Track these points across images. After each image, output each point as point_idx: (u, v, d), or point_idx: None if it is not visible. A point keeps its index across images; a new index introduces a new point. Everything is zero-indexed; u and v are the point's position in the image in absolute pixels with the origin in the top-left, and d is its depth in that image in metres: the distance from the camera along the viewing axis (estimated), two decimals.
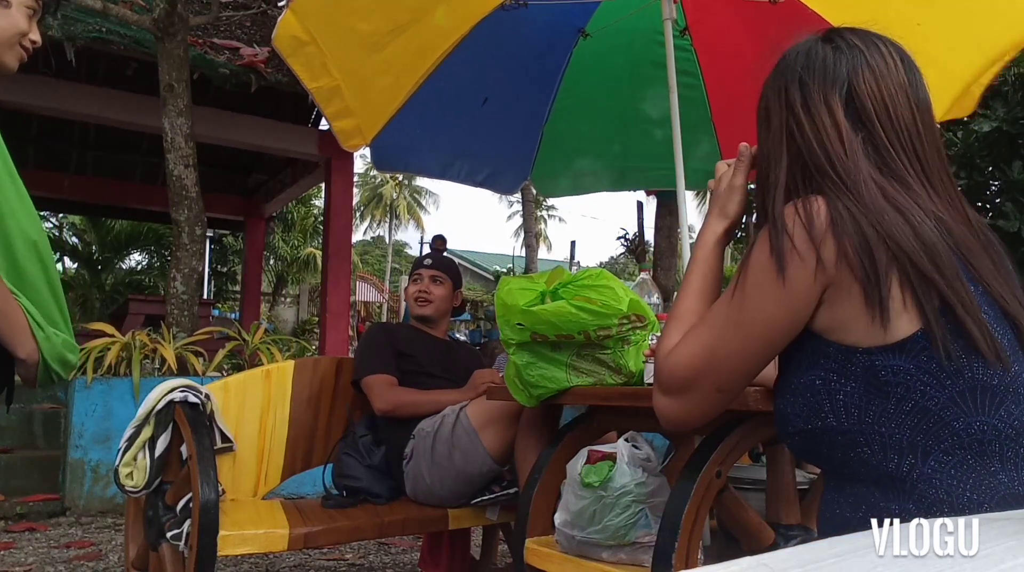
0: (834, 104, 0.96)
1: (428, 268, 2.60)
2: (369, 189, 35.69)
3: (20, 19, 1.31)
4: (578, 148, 3.55)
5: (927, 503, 0.84)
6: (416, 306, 2.57)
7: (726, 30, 2.94)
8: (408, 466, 2.29)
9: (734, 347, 0.95)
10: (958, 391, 0.85)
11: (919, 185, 0.93)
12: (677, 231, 6.65)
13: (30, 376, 1.22)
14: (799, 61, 1.00)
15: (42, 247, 1.21)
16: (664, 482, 1.57)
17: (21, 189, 1.20)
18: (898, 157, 0.94)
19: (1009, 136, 4.17)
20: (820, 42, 1.01)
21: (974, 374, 0.85)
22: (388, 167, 3.22)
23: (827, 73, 0.97)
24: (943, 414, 0.85)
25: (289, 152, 7.37)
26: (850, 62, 0.97)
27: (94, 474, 3.90)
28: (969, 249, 0.90)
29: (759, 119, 1.05)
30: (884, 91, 0.95)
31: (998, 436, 0.85)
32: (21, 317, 1.17)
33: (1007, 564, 0.43)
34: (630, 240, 10.94)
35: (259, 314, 9.74)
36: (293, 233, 18.31)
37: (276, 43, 2.40)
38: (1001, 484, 0.84)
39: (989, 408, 0.85)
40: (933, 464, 0.85)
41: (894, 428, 0.86)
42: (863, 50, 0.98)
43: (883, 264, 0.85)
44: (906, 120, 0.95)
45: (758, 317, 0.92)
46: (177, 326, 4.49)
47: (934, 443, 0.85)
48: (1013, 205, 4.04)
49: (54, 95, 5.87)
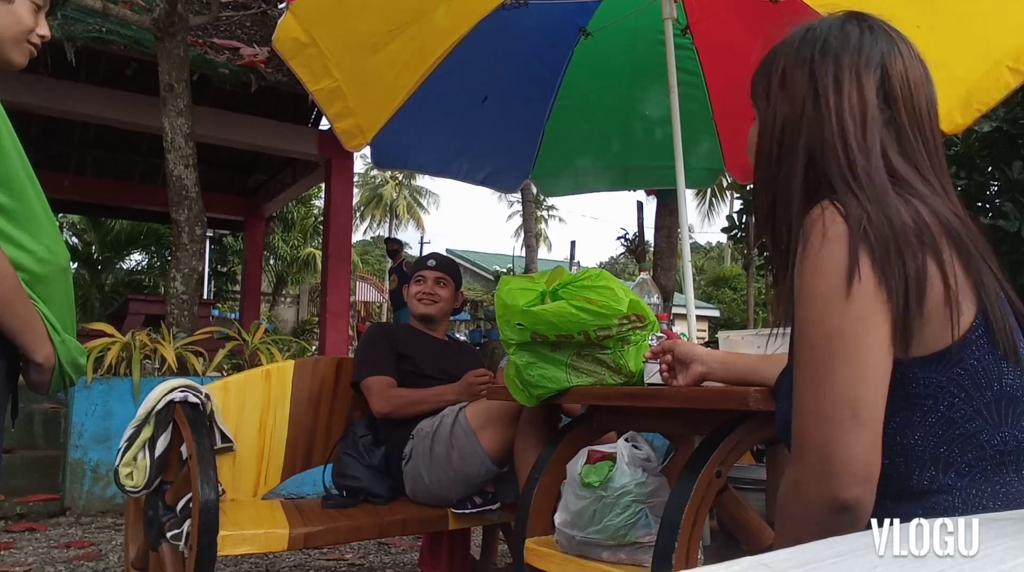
0: (866, 82, 0.91)
1: (433, 269, 2.60)
2: (369, 189, 35.68)
3: (24, 14, 1.28)
4: (579, 147, 3.56)
5: (942, 510, 0.81)
6: (420, 306, 2.57)
7: (727, 29, 2.94)
8: (407, 466, 2.29)
9: (852, 370, 0.83)
10: (985, 403, 0.83)
11: (934, 179, 0.90)
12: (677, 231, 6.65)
13: (44, 381, 1.23)
14: (832, 34, 0.95)
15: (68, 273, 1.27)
16: (664, 482, 1.57)
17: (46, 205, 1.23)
18: (919, 149, 0.91)
19: (1009, 136, 4.17)
20: (848, 22, 0.96)
21: (1003, 385, 0.83)
22: (388, 165, 3.23)
23: (863, 51, 0.93)
24: (968, 426, 0.83)
25: (289, 152, 7.37)
26: (886, 45, 0.93)
27: (94, 474, 3.90)
28: (984, 249, 0.87)
29: (769, 88, 0.98)
30: (911, 80, 0.93)
31: (1018, 447, 0.83)
32: (41, 323, 1.19)
33: (1007, 564, 0.43)
34: (630, 240, 10.93)
35: (259, 314, 9.74)
36: (293, 233, 18.32)
37: (277, 45, 2.41)
38: (1018, 493, 0.82)
39: (1012, 419, 0.83)
40: (953, 476, 0.82)
41: (919, 440, 0.83)
42: (895, 38, 0.95)
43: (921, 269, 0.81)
44: (924, 114, 0.93)
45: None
46: (177, 326, 4.49)
47: (957, 455, 0.83)
48: (1013, 205, 4.04)
49: (54, 95, 5.87)
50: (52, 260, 1.20)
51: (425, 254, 2.77)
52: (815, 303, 0.82)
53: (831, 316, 0.80)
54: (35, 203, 1.19)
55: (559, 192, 3.89)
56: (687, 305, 2.47)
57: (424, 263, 2.66)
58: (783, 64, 0.97)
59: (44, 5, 1.32)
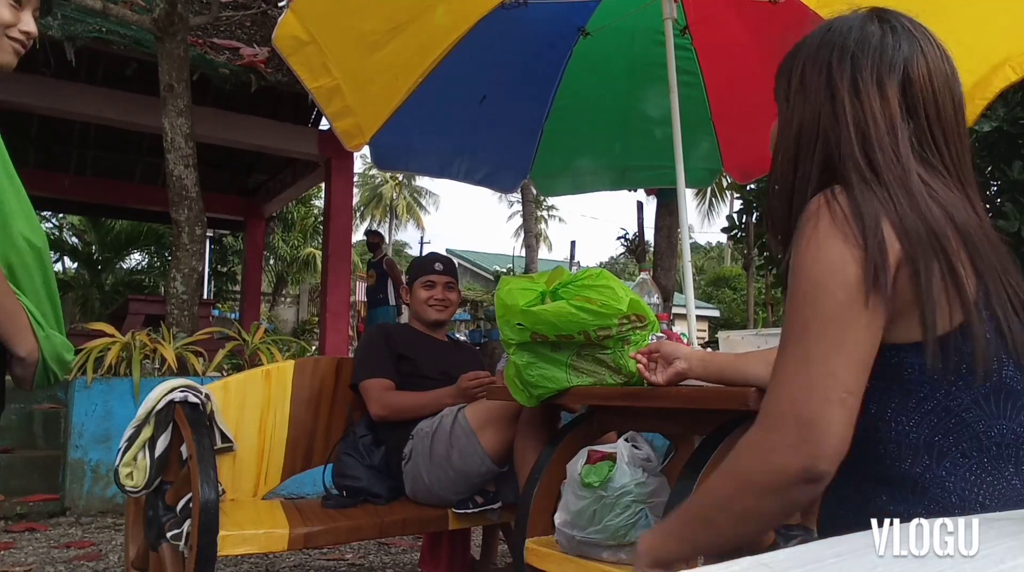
0: (888, 89, 0.90)
1: (441, 274, 2.55)
2: (369, 189, 35.67)
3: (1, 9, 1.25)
4: (578, 147, 3.56)
5: (938, 508, 0.82)
6: (432, 312, 2.53)
7: (726, 29, 2.95)
8: (407, 466, 2.29)
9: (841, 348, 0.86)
10: (983, 393, 0.83)
11: (956, 184, 0.90)
12: (677, 231, 6.65)
13: (28, 376, 1.22)
14: (852, 36, 0.92)
15: (45, 254, 1.22)
16: (664, 482, 1.57)
17: (22, 193, 1.20)
18: (941, 154, 0.90)
19: (1009, 136, 4.17)
20: (873, 20, 0.94)
21: (1002, 377, 0.84)
22: (388, 166, 3.23)
23: (884, 54, 0.91)
24: (965, 416, 0.83)
25: (289, 152, 7.37)
26: (909, 48, 0.91)
27: (94, 474, 3.90)
28: (999, 248, 0.88)
29: (789, 89, 0.97)
30: (936, 83, 0.91)
31: (1016, 441, 0.83)
32: (23, 316, 1.17)
33: (1007, 564, 0.43)
34: (630, 240, 10.93)
35: (259, 314, 9.74)
36: (293, 233, 18.32)
37: (276, 43, 2.40)
38: (1014, 489, 0.82)
39: (1011, 412, 0.84)
40: (948, 465, 0.83)
41: (912, 426, 0.85)
42: (919, 38, 0.93)
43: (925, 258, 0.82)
44: (949, 117, 0.91)
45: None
46: (177, 326, 4.49)
47: (952, 444, 0.83)
48: (1013, 205, 4.04)
49: (54, 95, 5.87)
50: (25, 248, 1.18)
51: (425, 255, 2.68)
52: (813, 286, 0.83)
53: (828, 301, 0.82)
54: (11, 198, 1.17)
55: (557, 192, 3.89)
56: (687, 305, 2.47)
57: (431, 267, 2.58)
58: (803, 65, 0.96)
59: (27, 2, 1.28)
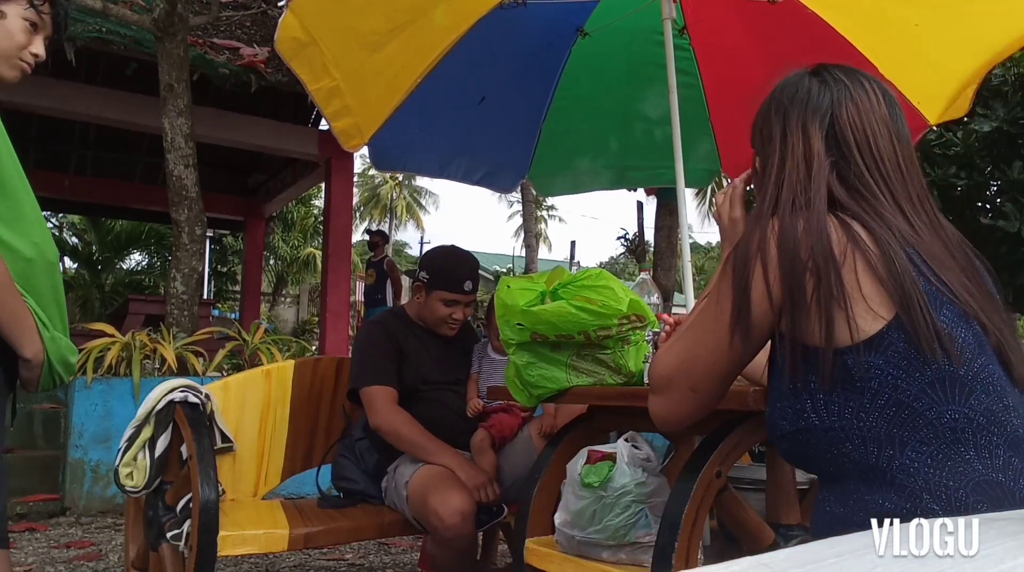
0: (812, 131, 1.05)
1: (468, 293, 2.40)
2: (368, 189, 35.65)
3: (17, 32, 1.28)
4: (576, 147, 3.55)
5: (907, 492, 0.89)
6: (446, 329, 2.40)
7: (725, 29, 2.94)
8: (385, 480, 2.28)
9: (702, 351, 1.06)
10: (927, 382, 0.90)
11: (892, 207, 1.00)
12: (677, 231, 6.65)
13: (33, 377, 1.24)
14: (786, 93, 1.10)
15: (55, 263, 1.26)
16: (664, 482, 1.57)
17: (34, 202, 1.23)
18: (873, 182, 1.02)
19: (1009, 136, 4.16)
20: (808, 76, 1.10)
21: (940, 365, 0.90)
22: (386, 166, 3.22)
23: (810, 103, 1.06)
24: (916, 405, 0.90)
25: (289, 152, 7.37)
26: (835, 95, 1.06)
27: (94, 474, 3.90)
28: (934, 258, 0.97)
29: (752, 135, 1.15)
30: (866, 124, 1.04)
31: (970, 424, 0.90)
32: (30, 319, 1.19)
33: (1007, 564, 0.43)
34: (630, 240, 10.93)
35: (259, 314, 9.74)
36: (293, 233, 18.33)
37: (278, 46, 2.40)
38: (976, 471, 0.88)
39: (959, 398, 0.90)
40: (911, 454, 0.90)
41: (871, 422, 0.92)
42: (848, 85, 1.06)
43: (834, 272, 0.93)
44: (886, 151, 1.03)
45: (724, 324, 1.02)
46: (177, 326, 4.49)
47: (910, 434, 0.90)
48: (1013, 205, 4.04)
49: (54, 95, 5.86)
50: (38, 256, 1.20)
51: (456, 261, 2.42)
52: (713, 289, 1.04)
53: (721, 301, 1.01)
54: (25, 202, 1.19)
55: (556, 192, 3.89)
56: (687, 305, 2.47)
57: (461, 286, 2.36)
58: (758, 117, 1.14)
59: (42, 27, 1.31)
